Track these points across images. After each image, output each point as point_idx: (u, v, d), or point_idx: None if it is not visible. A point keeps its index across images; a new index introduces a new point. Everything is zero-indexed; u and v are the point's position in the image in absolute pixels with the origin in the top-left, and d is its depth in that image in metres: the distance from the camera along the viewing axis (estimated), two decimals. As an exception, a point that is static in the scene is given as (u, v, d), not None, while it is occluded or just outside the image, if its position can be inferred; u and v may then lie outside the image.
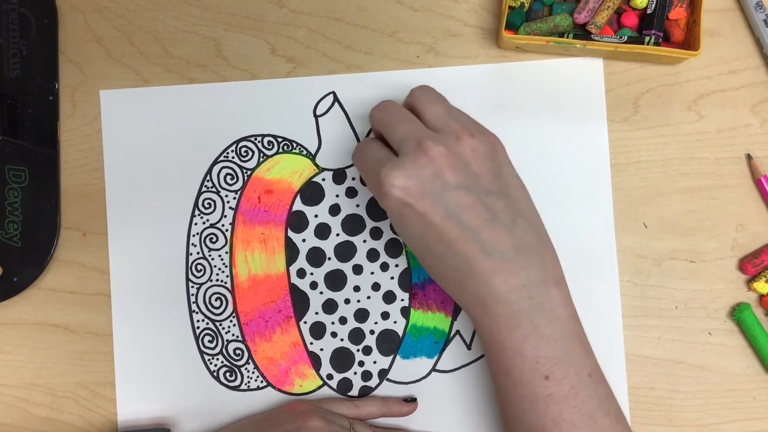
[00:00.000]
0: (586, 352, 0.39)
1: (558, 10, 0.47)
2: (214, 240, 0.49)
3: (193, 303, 0.48)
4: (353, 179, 0.48)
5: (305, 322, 0.48)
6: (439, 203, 0.38)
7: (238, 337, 0.48)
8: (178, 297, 0.48)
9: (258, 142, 0.49)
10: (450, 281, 0.39)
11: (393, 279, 0.48)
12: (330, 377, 0.48)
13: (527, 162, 0.42)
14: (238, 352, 0.48)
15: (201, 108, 0.49)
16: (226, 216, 0.49)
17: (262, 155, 0.49)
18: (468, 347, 0.48)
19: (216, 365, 0.48)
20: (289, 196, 0.49)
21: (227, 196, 0.49)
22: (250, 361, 0.48)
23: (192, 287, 0.48)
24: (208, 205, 0.49)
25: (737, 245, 0.47)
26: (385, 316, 0.48)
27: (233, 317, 0.48)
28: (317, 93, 0.49)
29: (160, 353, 0.48)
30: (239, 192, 0.49)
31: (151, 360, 0.48)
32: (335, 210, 0.48)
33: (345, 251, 0.48)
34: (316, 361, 0.48)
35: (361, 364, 0.48)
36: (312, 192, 0.48)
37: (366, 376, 0.48)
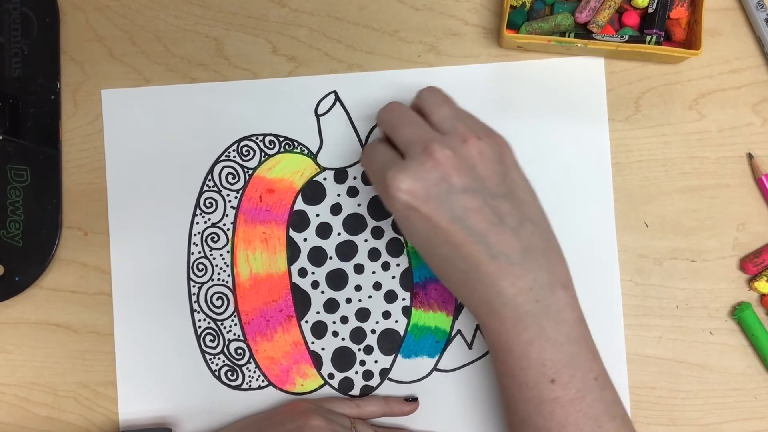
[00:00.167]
0: (592, 355, 0.38)
1: (559, 9, 0.47)
2: (215, 239, 0.49)
3: (195, 302, 0.48)
4: (354, 178, 0.48)
5: (306, 321, 0.48)
6: (445, 206, 0.38)
7: (239, 337, 0.48)
8: (179, 296, 0.48)
9: (259, 141, 0.49)
10: (457, 284, 0.39)
11: (394, 278, 0.48)
12: (331, 376, 0.48)
13: (528, 161, 0.42)
14: (239, 351, 0.48)
15: (202, 107, 0.49)
16: (227, 215, 0.49)
17: (263, 154, 0.49)
18: (469, 347, 0.48)
19: (217, 365, 0.48)
20: (291, 195, 0.49)
21: (229, 195, 0.49)
22: (251, 361, 0.48)
23: (193, 287, 0.48)
24: (209, 205, 0.49)
25: (738, 244, 0.47)
26: (387, 315, 0.48)
27: (234, 316, 0.48)
28: (318, 92, 0.49)
29: (161, 353, 0.48)
30: (241, 191, 0.49)
31: (153, 359, 0.48)
32: (336, 209, 0.48)
33: (346, 250, 0.48)
34: (317, 361, 0.48)
35: (363, 363, 0.48)
36: (313, 191, 0.48)
37: (367, 375, 0.48)
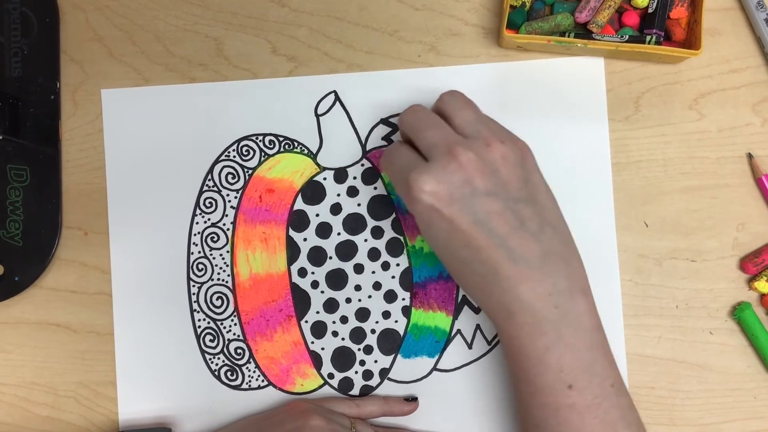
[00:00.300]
0: (609, 362, 0.38)
1: (559, 9, 0.47)
2: (215, 239, 0.49)
3: (194, 302, 0.48)
4: (354, 178, 0.48)
5: (306, 321, 0.48)
6: (468, 209, 0.37)
7: (239, 337, 0.48)
8: (179, 296, 0.48)
9: (259, 141, 0.49)
10: (475, 287, 0.39)
11: (394, 278, 0.48)
12: (331, 376, 0.48)
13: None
14: (239, 351, 0.48)
15: (202, 107, 0.49)
16: (227, 215, 0.49)
17: (263, 154, 0.49)
18: (469, 346, 0.48)
19: (217, 364, 0.48)
20: (291, 195, 0.49)
21: (228, 195, 0.49)
22: (251, 361, 0.48)
23: (193, 286, 0.48)
24: (209, 205, 0.49)
25: (738, 244, 0.47)
26: (386, 315, 0.48)
27: (234, 316, 0.48)
28: (318, 92, 0.49)
29: (161, 352, 0.48)
30: (240, 191, 0.49)
31: (153, 359, 0.48)
32: (336, 209, 0.48)
33: (346, 250, 0.48)
34: (317, 361, 0.48)
35: (362, 363, 0.48)
36: (313, 191, 0.48)
37: (367, 375, 0.48)
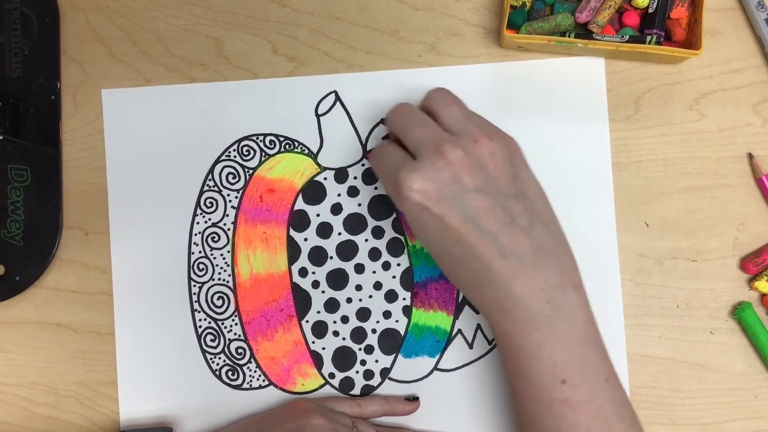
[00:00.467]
0: (602, 357, 0.38)
1: (560, 9, 0.47)
2: (215, 239, 0.49)
3: (195, 302, 0.48)
4: (355, 178, 0.48)
5: (307, 321, 0.48)
6: (457, 206, 0.38)
7: (240, 336, 0.48)
8: (180, 296, 0.48)
9: (260, 141, 0.49)
10: (468, 284, 0.39)
11: (395, 278, 0.48)
12: (332, 376, 0.48)
13: (529, 161, 0.42)
14: (240, 351, 0.48)
15: (203, 107, 0.49)
16: (227, 215, 0.49)
17: (263, 154, 0.49)
18: (470, 346, 0.48)
19: (218, 364, 0.48)
20: (291, 195, 0.49)
21: (229, 195, 0.49)
22: (252, 360, 0.48)
23: (194, 286, 0.49)
24: (210, 204, 0.49)
25: (738, 244, 0.48)
26: (387, 315, 0.48)
27: (235, 316, 0.48)
28: (319, 92, 0.49)
29: (162, 352, 0.48)
30: (241, 191, 0.49)
31: (153, 359, 0.48)
32: (337, 209, 0.48)
33: (347, 250, 0.48)
34: (318, 360, 0.48)
35: (363, 363, 0.48)
36: (314, 191, 0.49)
37: (368, 375, 0.48)
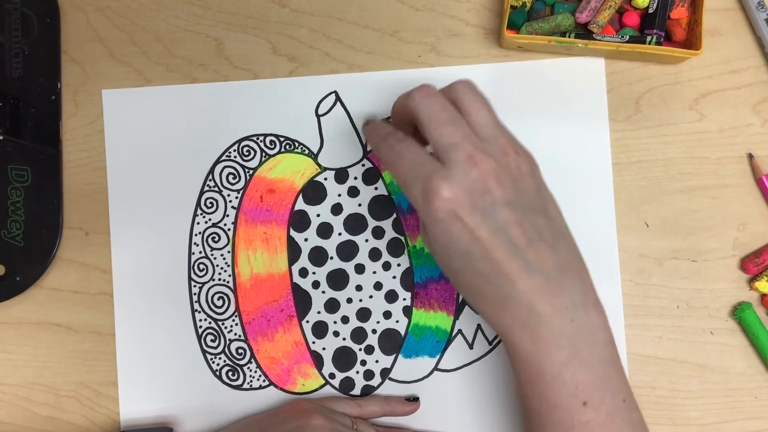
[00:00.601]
0: (620, 377, 0.38)
1: (560, 9, 0.47)
2: (216, 239, 0.49)
3: (196, 302, 0.48)
4: (355, 179, 0.48)
5: (307, 321, 0.48)
6: (489, 219, 0.36)
7: (240, 337, 0.48)
8: (180, 296, 0.49)
9: (260, 141, 0.49)
10: (489, 301, 0.38)
11: (395, 278, 0.48)
12: (332, 376, 0.48)
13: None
14: (240, 351, 0.48)
15: (203, 107, 0.49)
16: (228, 215, 0.49)
17: (264, 155, 0.49)
18: (470, 346, 0.48)
19: (218, 364, 0.48)
20: (291, 195, 0.49)
21: (229, 195, 0.49)
22: (252, 361, 0.48)
23: (194, 286, 0.49)
24: (210, 205, 0.49)
25: (739, 244, 0.48)
26: (387, 315, 0.48)
27: (235, 316, 0.48)
28: (319, 92, 0.49)
29: (162, 353, 0.48)
30: (241, 191, 0.49)
31: (154, 359, 0.48)
32: (337, 209, 0.48)
33: (347, 250, 0.48)
34: (318, 361, 0.48)
35: (364, 363, 0.48)
36: (314, 191, 0.49)
37: (368, 375, 0.48)
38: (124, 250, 0.49)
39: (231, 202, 0.49)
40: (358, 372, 0.48)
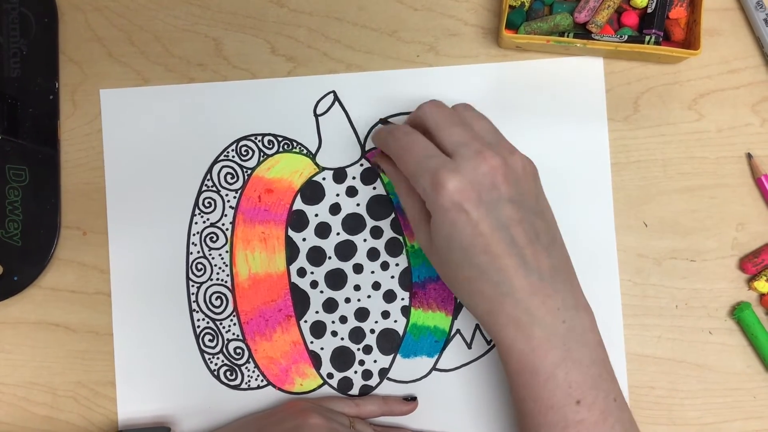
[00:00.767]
0: (611, 377, 0.39)
1: (558, 9, 0.47)
2: (214, 239, 0.49)
3: (194, 302, 0.48)
4: (353, 178, 0.48)
5: (305, 321, 0.48)
6: (493, 214, 0.38)
7: (238, 336, 0.48)
8: (178, 296, 0.48)
9: (258, 141, 0.49)
10: (484, 298, 0.38)
11: (393, 278, 0.48)
12: (330, 376, 0.48)
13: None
14: (238, 351, 0.48)
15: (201, 107, 0.49)
16: (226, 215, 0.49)
17: (262, 154, 0.49)
18: (468, 346, 0.48)
19: (216, 364, 0.48)
20: (290, 195, 0.49)
21: (227, 195, 0.49)
22: (250, 360, 0.48)
23: (192, 286, 0.48)
24: (208, 205, 0.49)
25: (737, 244, 0.47)
26: (386, 315, 0.48)
27: (233, 316, 0.48)
28: (317, 92, 0.49)
29: (160, 352, 0.48)
30: (239, 191, 0.49)
31: (152, 359, 0.48)
32: (335, 209, 0.48)
33: (345, 250, 0.48)
34: (316, 360, 0.48)
35: (362, 363, 0.48)
36: (312, 191, 0.48)
37: (366, 375, 0.48)
38: (122, 249, 0.49)
39: (229, 201, 0.49)
40: (356, 372, 0.48)
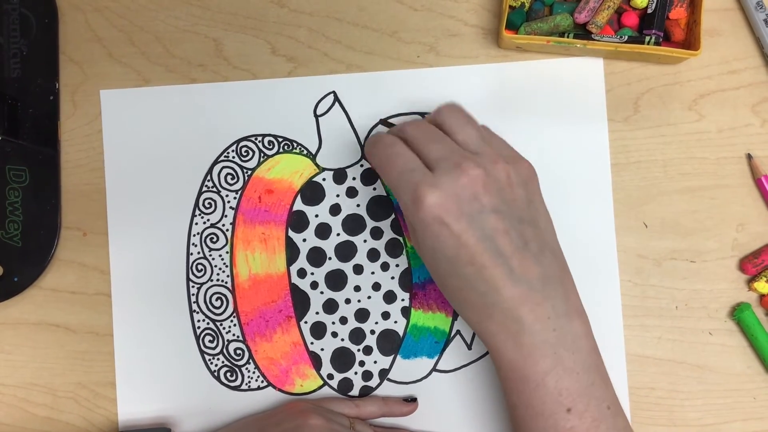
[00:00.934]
0: (605, 384, 0.38)
1: (558, 9, 0.47)
2: (214, 240, 0.49)
3: (194, 303, 0.48)
4: (354, 179, 0.48)
5: (306, 321, 0.48)
6: (476, 225, 0.37)
7: (238, 337, 0.48)
8: (178, 297, 0.48)
9: (258, 141, 0.49)
10: (473, 307, 0.39)
11: (393, 279, 0.48)
12: (330, 377, 0.48)
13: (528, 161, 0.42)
14: (238, 352, 0.48)
15: (202, 108, 0.49)
16: (226, 216, 0.49)
17: (262, 155, 0.49)
18: (468, 347, 0.48)
19: (216, 365, 0.48)
20: (290, 195, 0.49)
21: (228, 195, 0.49)
22: (250, 361, 0.48)
23: (192, 287, 0.48)
24: (208, 205, 0.49)
25: (737, 245, 0.47)
26: (386, 316, 0.48)
27: (234, 317, 0.48)
28: (318, 93, 0.49)
29: (160, 353, 0.48)
30: (240, 192, 0.49)
31: (152, 360, 0.48)
32: (336, 210, 0.48)
33: (345, 251, 0.48)
34: (316, 361, 0.48)
35: (362, 364, 0.48)
36: (312, 192, 0.48)
37: (366, 376, 0.48)
38: (122, 250, 0.49)
39: (229, 202, 0.49)
40: (356, 373, 0.48)
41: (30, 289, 0.49)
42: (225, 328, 0.48)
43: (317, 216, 0.48)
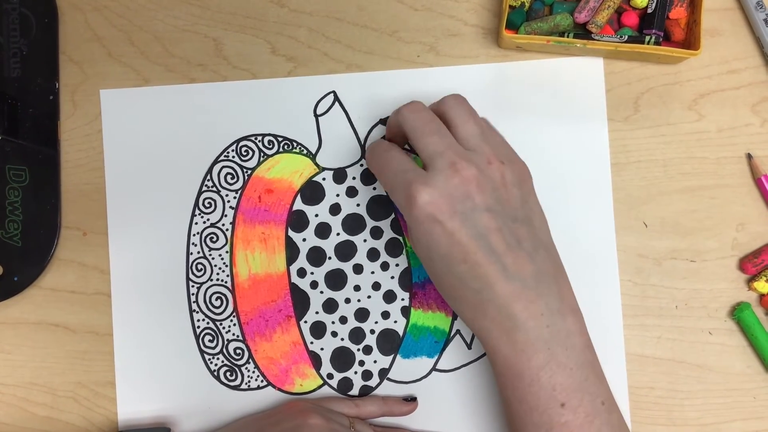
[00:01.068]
0: (599, 380, 0.39)
1: (558, 9, 0.47)
2: (214, 239, 0.49)
3: (194, 302, 0.48)
4: (353, 179, 0.48)
5: (305, 321, 0.48)
6: (469, 224, 0.38)
7: (238, 337, 0.48)
8: (178, 296, 0.48)
9: (258, 141, 0.49)
10: (468, 305, 0.39)
11: (393, 278, 0.48)
12: (330, 377, 0.48)
13: (527, 162, 0.42)
14: (238, 351, 0.48)
15: (201, 107, 0.49)
16: (226, 215, 0.49)
17: (262, 155, 0.49)
18: (468, 347, 0.48)
19: (216, 365, 0.48)
20: (290, 195, 0.49)
21: (228, 195, 0.49)
22: (250, 361, 0.48)
23: (192, 287, 0.48)
24: (208, 205, 0.49)
25: (737, 245, 0.47)
26: (386, 315, 0.48)
27: (233, 317, 0.48)
28: (317, 92, 0.49)
29: (160, 353, 0.48)
30: (240, 191, 0.49)
31: (152, 359, 0.48)
32: (336, 209, 0.48)
33: (345, 251, 0.48)
34: (316, 361, 0.48)
35: (362, 363, 0.48)
36: (312, 191, 0.48)
37: (366, 375, 0.48)
38: (122, 250, 0.49)
39: (229, 202, 0.49)
40: (356, 372, 0.48)
41: (30, 289, 0.49)
42: (225, 327, 0.48)
43: (317, 215, 0.48)
